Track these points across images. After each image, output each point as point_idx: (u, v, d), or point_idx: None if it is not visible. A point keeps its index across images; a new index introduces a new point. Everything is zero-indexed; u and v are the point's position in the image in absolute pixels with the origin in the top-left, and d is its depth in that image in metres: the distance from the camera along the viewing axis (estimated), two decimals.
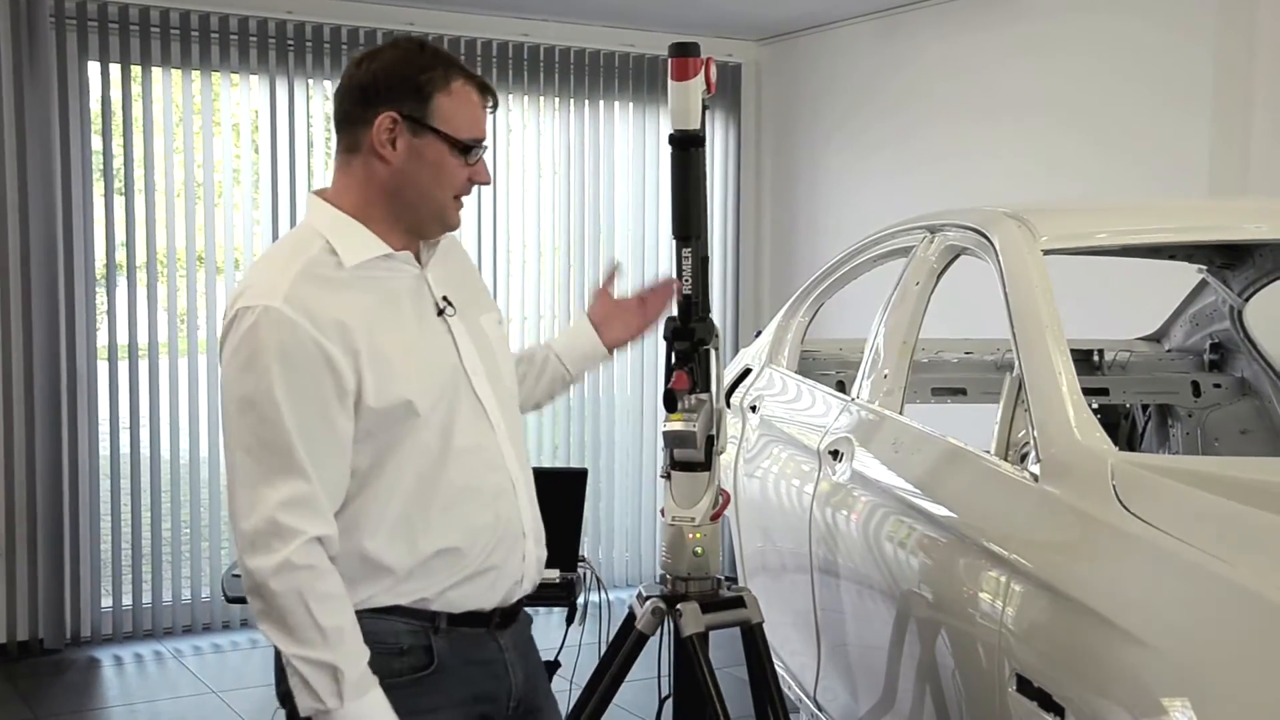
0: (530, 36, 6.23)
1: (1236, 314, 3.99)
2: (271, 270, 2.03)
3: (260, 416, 1.93)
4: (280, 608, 1.91)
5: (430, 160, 2.06)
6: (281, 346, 1.93)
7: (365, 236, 2.08)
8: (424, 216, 2.10)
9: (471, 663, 2.13)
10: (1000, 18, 5.54)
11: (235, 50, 5.70)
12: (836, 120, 6.41)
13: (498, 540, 2.12)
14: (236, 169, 5.88)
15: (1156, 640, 1.87)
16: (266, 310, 1.94)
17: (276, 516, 1.91)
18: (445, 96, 2.05)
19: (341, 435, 1.98)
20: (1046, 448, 2.31)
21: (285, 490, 1.92)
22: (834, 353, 4.31)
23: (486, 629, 2.15)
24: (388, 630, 2.04)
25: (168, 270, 5.67)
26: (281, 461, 1.93)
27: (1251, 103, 4.68)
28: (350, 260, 2.04)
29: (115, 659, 5.50)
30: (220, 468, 5.80)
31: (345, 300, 2.00)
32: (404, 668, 2.05)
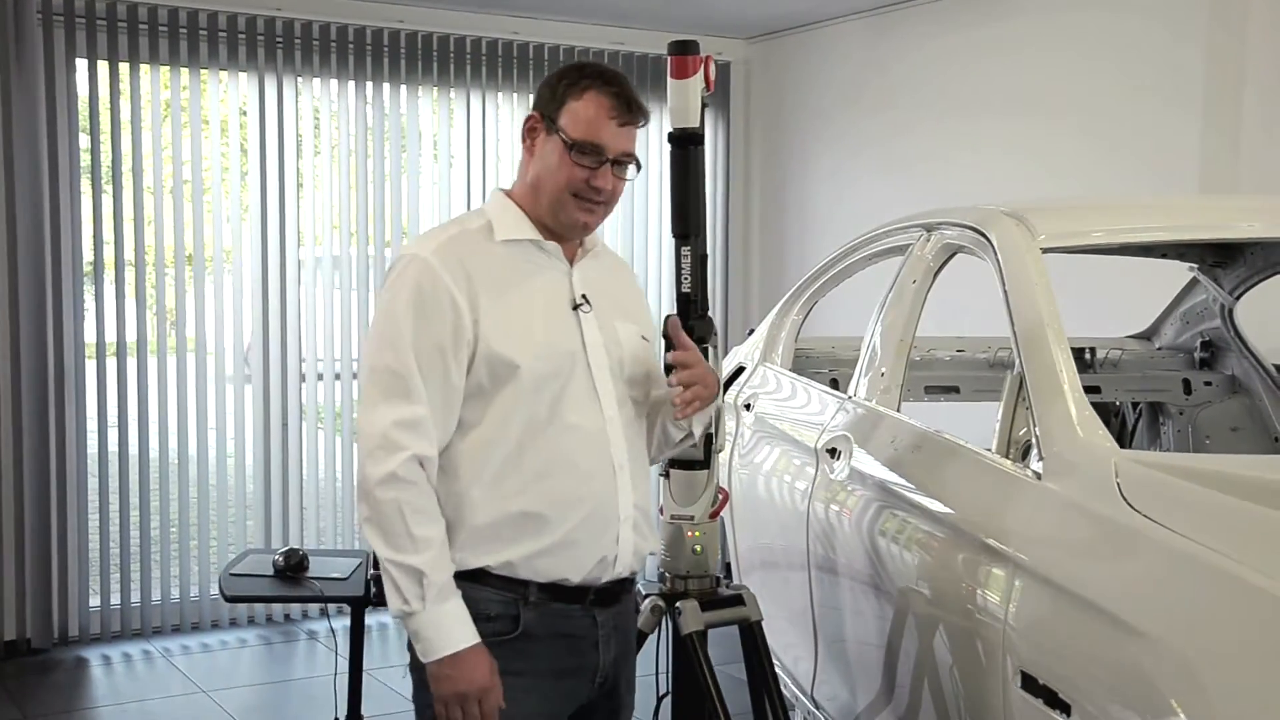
0: (520, 35, 6.22)
1: (1227, 312, 4.01)
2: (434, 233, 2.33)
3: (389, 345, 2.19)
4: (381, 514, 2.15)
5: (551, 157, 2.28)
6: (419, 288, 2.19)
7: (522, 221, 2.32)
8: (547, 210, 2.30)
9: (559, 635, 2.28)
10: (989, 15, 5.56)
11: (224, 47, 5.67)
12: (826, 118, 6.41)
13: (586, 517, 2.26)
14: (225, 166, 5.85)
15: (1164, 635, 1.88)
16: (415, 258, 2.22)
17: (389, 432, 2.15)
18: (575, 101, 2.27)
19: (453, 377, 2.20)
20: (1049, 446, 2.32)
21: (399, 411, 2.16)
22: (827, 351, 4.32)
23: (581, 605, 2.29)
24: (480, 597, 2.22)
25: (156, 267, 5.64)
26: (400, 385, 2.17)
27: (1242, 97, 4.69)
28: (501, 235, 2.29)
29: (103, 658, 5.47)
30: (210, 466, 5.79)
31: (485, 265, 2.24)
32: (488, 631, 2.21)
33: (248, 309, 5.84)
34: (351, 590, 3.49)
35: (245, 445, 5.91)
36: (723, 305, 6.84)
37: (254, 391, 5.89)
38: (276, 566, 3.58)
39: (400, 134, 6.06)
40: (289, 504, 5.93)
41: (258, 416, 5.88)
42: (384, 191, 6.04)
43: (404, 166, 6.09)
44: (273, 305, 5.83)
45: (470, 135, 6.18)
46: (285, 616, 5.94)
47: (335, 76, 5.93)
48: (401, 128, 6.06)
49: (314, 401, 6.05)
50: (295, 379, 5.93)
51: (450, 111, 6.16)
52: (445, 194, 6.19)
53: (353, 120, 5.98)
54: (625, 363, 2.36)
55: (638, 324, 2.44)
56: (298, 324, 5.92)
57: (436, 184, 6.21)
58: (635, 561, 2.37)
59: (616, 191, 2.32)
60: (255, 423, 5.89)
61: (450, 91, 6.15)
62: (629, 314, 2.43)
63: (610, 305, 2.37)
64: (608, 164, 2.27)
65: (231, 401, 5.85)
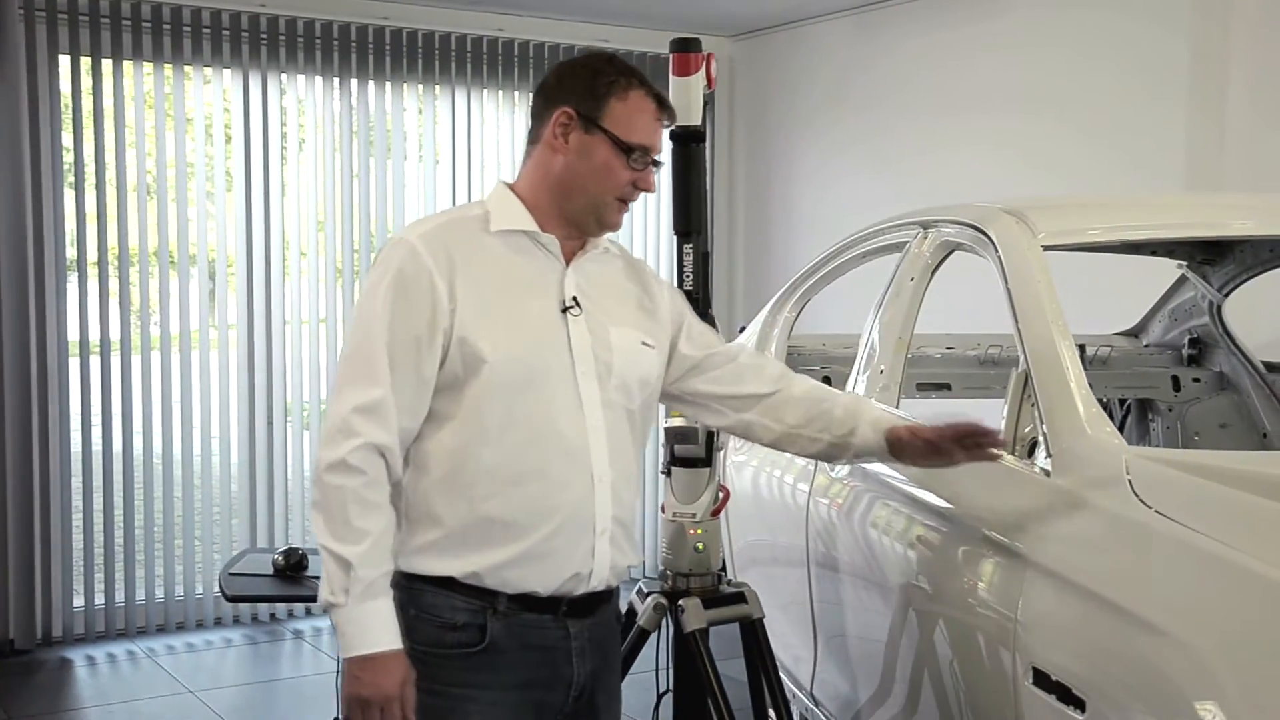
0: (505, 32, 6.21)
1: (1216, 309, 4.04)
2: (428, 219, 2.29)
3: (364, 328, 2.15)
4: (326, 499, 2.09)
5: (598, 159, 2.21)
6: (400, 271, 2.14)
7: (519, 213, 2.24)
8: (582, 210, 2.23)
9: (528, 648, 2.19)
10: (974, 14, 5.57)
11: (208, 44, 5.64)
12: (811, 115, 6.43)
13: (559, 527, 2.17)
14: (209, 165, 5.82)
15: (1181, 631, 1.89)
16: (401, 242, 2.18)
17: (348, 418, 2.10)
18: (620, 101, 2.20)
19: (425, 364, 2.14)
20: (1057, 443, 2.33)
21: (363, 396, 2.11)
22: (818, 348, 4.32)
23: (553, 615, 2.21)
24: (445, 605, 2.16)
25: (139, 265, 5.61)
26: (368, 370, 2.12)
27: (1227, 89, 4.72)
28: (495, 226, 2.23)
29: (88, 659, 5.44)
30: (194, 464, 5.76)
31: (473, 254, 2.18)
32: (454, 641, 2.16)
33: (232, 306, 5.81)
34: None
35: (230, 444, 5.88)
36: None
37: (238, 390, 5.86)
38: (276, 566, 3.56)
39: (385, 131, 6.04)
40: (274, 503, 5.90)
41: (242, 415, 5.85)
42: (369, 188, 6.02)
43: (389, 163, 6.07)
44: (257, 302, 5.80)
45: (455, 132, 6.17)
46: (271, 616, 5.92)
47: (320, 73, 5.90)
48: (387, 125, 6.04)
49: (299, 399, 6.03)
50: (280, 377, 5.90)
51: (435, 108, 6.14)
52: (431, 191, 6.17)
53: (337, 117, 5.96)
54: (615, 369, 2.25)
55: (640, 330, 2.33)
56: (282, 322, 5.90)
57: (421, 181, 6.18)
58: (612, 577, 2.27)
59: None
60: (240, 421, 5.86)
61: (435, 88, 6.13)
62: (629, 319, 2.32)
63: (607, 308, 2.28)
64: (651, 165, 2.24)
65: (215, 400, 5.81)
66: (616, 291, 2.33)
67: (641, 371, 2.30)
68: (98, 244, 5.54)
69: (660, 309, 2.39)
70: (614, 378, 2.25)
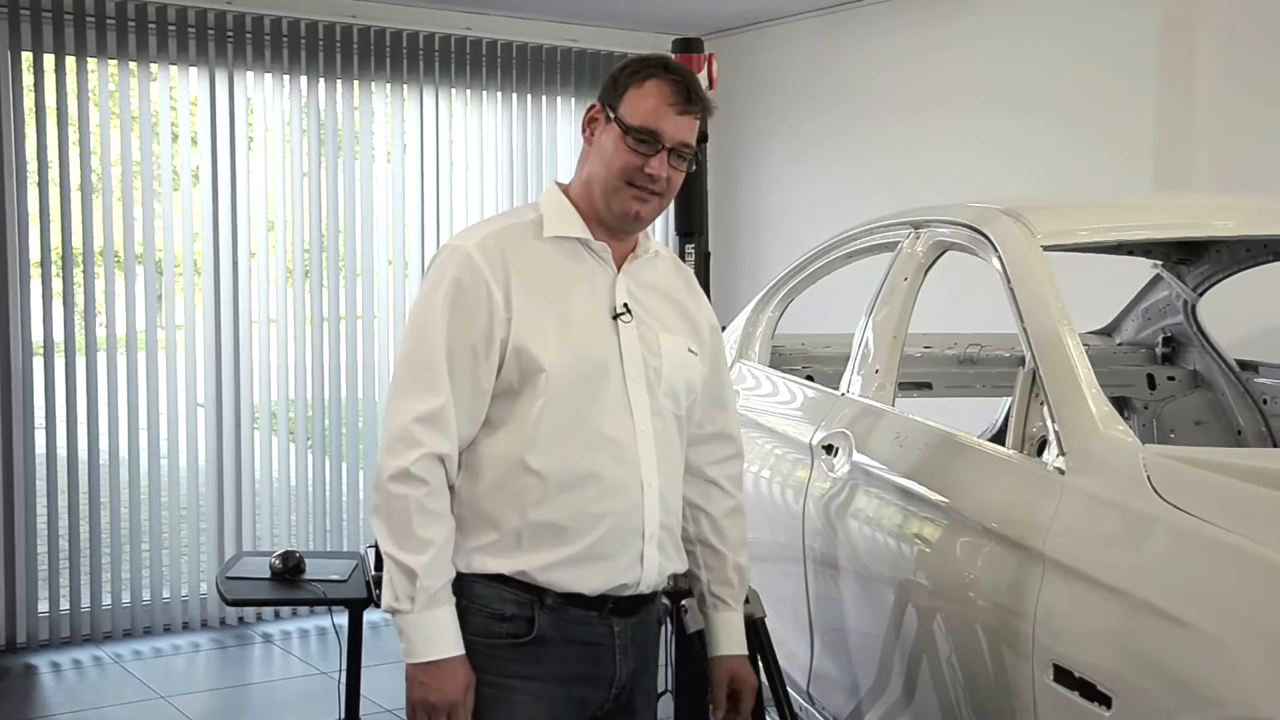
0: (473, 30, 6.18)
1: (1190, 308, 4.10)
2: (483, 224, 2.30)
3: (422, 336, 2.17)
4: (390, 508, 2.14)
5: (608, 145, 2.23)
6: (457, 280, 2.16)
7: (573, 218, 2.26)
8: (601, 199, 2.24)
9: (574, 642, 2.22)
10: (940, 13, 5.61)
11: (174, 42, 5.57)
12: (779, 115, 6.45)
13: (608, 532, 2.20)
14: (176, 164, 5.75)
15: (1209, 627, 1.92)
16: (457, 249, 2.20)
17: (410, 427, 2.14)
18: (636, 89, 2.22)
19: (482, 373, 2.17)
20: (1071, 441, 2.35)
21: (424, 405, 2.14)
22: (798, 347, 4.33)
23: (599, 613, 2.23)
24: (495, 597, 2.19)
25: (104, 265, 5.53)
26: (427, 378, 2.15)
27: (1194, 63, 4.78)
28: (549, 231, 2.24)
29: (53, 665, 5.36)
30: (161, 466, 5.68)
31: (527, 261, 2.21)
32: (503, 632, 2.19)
33: (198, 307, 5.75)
34: (352, 592, 3.44)
35: (197, 448, 5.81)
36: None
37: (206, 392, 5.79)
38: (274, 569, 3.52)
39: (354, 130, 5.99)
40: (242, 507, 5.84)
41: (210, 417, 5.79)
42: (336, 188, 5.97)
43: (357, 163, 6.02)
44: (224, 303, 5.73)
45: (424, 131, 6.13)
46: (239, 619, 5.85)
47: (287, 72, 5.85)
48: (355, 123, 5.99)
49: (266, 402, 5.97)
50: (247, 379, 5.84)
51: (404, 108, 6.10)
52: (399, 191, 6.13)
53: (304, 115, 5.90)
54: (665, 375, 2.28)
55: (685, 335, 2.35)
56: (249, 322, 5.84)
57: (389, 181, 6.14)
58: (659, 581, 2.31)
59: (673, 182, 2.25)
60: (208, 425, 5.79)
61: (404, 87, 6.10)
62: (676, 325, 2.35)
63: (656, 314, 2.31)
64: (664, 152, 2.21)
65: (182, 402, 5.74)
66: (665, 297, 2.36)
67: (688, 377, 2.33)
68: (61, 243, 5.46)
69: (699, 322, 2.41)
70: (663, 384, 2.29)
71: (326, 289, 5.97)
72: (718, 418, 2.46)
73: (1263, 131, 4.59)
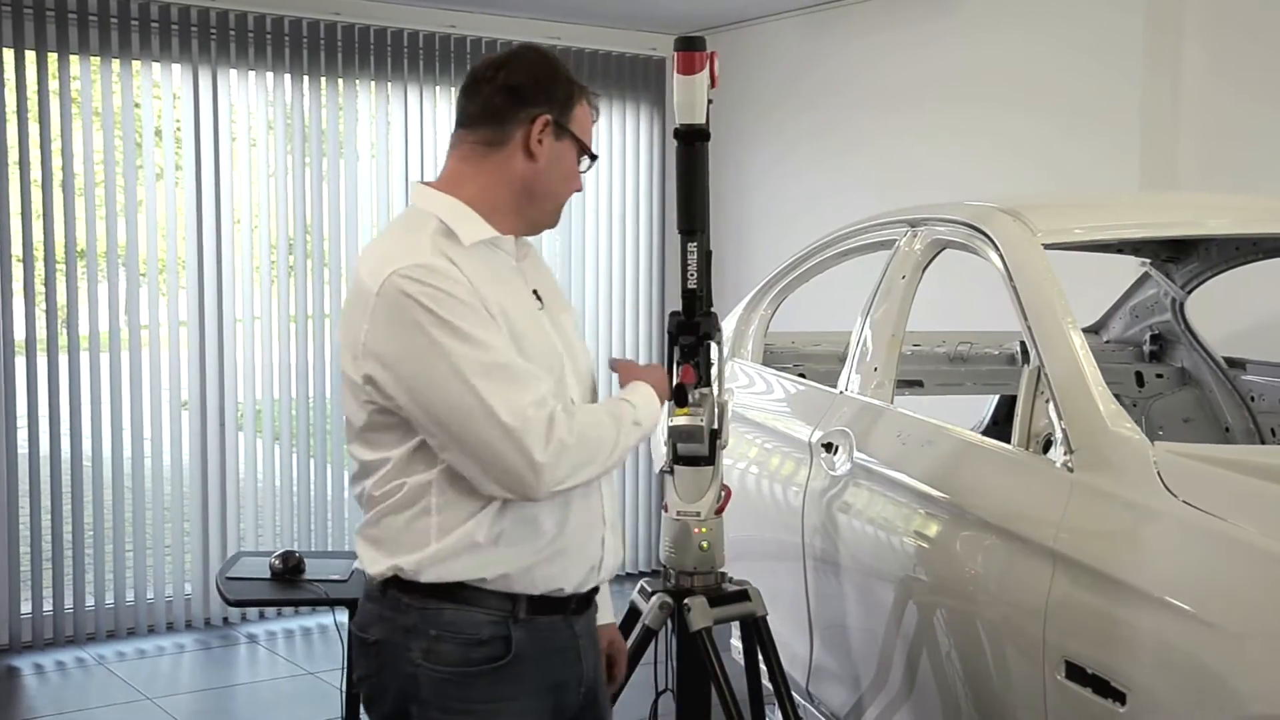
0: (457, 28, 6.17)
1: (1178, 306, 4.13)
2: (400, 243, 2.09)
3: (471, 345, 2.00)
4: (583, 459, 2.08)
5: (567, 164, 2.22)
6: (452, 291, 2.02)
7: (477, 221, 2.16)
8: (547, 213, 2.24)
9: (547, 652, 2.20)
10: (923, 11, 5.62)
11: (156, 39, 5.53)
12: (762, 114, 6.45)
13: (577, 523, 2.19)
14: (159, 164, 5.70)
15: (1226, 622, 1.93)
16: (424, 266, 2.02)
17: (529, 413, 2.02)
18: (580, 107, 2.23)
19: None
20: (1079, 439, 2.36)
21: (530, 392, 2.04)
22: (789, 345, 4.35)
23: (563, 615, 2.22)
24: (468, 621, 2.12)
25: (88, 263, 5.49)
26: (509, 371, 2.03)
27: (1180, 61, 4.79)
28: (468, 239, 2.12)
29: (36, 667, 5.31)
30: (145, 465, 5.64)
31: (475, 272, 2.08)
32: (480, 658, 2.13)
33: (182, 305, 5.71)
34: (354, 592, 3.41)
35: (181, 447, 5.77)
36: (660, 298, 6.85)
37: (189, 391, 5.75)
38: (274, 569, 3.51)
39: (337, 128, 5.97)
40: (226, 506, 5.80)
41: (193, 416, 5.75)
42: (321, 185, 5.95)
43: (341, 161, 5.99)
44: (208, 301, 5.70)
45: (408, 129, 6.11)
46: (224, 620, 5.82)
47: (270, 69, 5.81)
48: (339, 121, 5.97)
49: (251, 401, 5.93)
50: (231, 378, 5.81)
51: (388, 106, 6.08)
52: (383, 189, 6.10)
53: (288, 113, 5.87)
54: (580, 355, 2.28)
55: (568, 309, 2.35)
56: (233, 320, 5.80)
57: (373, 179, 6.11)
58: (615, 566, 2.31)
59: None
60: (192, 424, 5.76)
61: (387, 85, 6.07)
62: (562, 302, 2.34)
63: (551, 298, 2.28)
64: None
65: (166, 403, 5.71)
66: (547, 277, 2.35)
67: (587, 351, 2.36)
68: (44, 241, 5.41)
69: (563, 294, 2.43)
70: (580, 367, 2.28)
71: (311, 287, 5.94)
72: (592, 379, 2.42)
73: (1248, 125, 4.62)
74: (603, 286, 6.68)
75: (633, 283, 6.77)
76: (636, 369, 2.38)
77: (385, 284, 2.02)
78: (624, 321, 6.77)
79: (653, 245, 6.81)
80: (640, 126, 6.75)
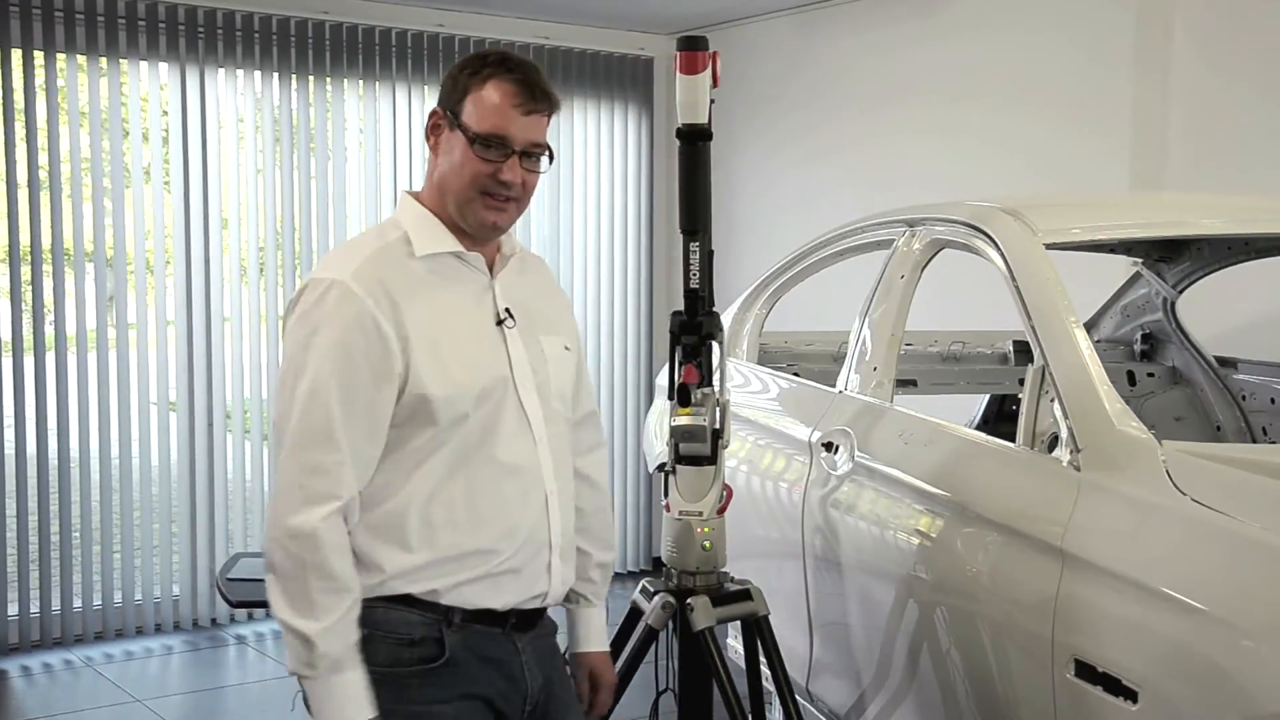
0: (445, 27, 6.15)
1: (1169, 305, 4.15)
2: (348, 252, 2.14)
3: (309, 387, 2.02)
4: (285, 570, 2.01)
5: (455, 153, 2.13)
6: (342, 319, 2.03)
7: (440, 232, 2.15)
8: (456, 210, 2.15)
9: (484, 660, 2.16)
10: (915, 9, 5.63)
11: (143, 38, 5.50)
12: (750, 113, 6.46)
13: (519, 547, 2.16)
14: (146, 162, 5.67)
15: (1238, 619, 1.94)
16: (334, 284, 2.04)
17: (307, 482, 2.00)
18: (475, 93, 2.12)
19: (379, 416, 2.05)
20: (1086, 438, 2.37)
21: (318, 458, 2.01)
22: (782, 345, 4.35)
23: (502, 629, 2.17)
24: (400, 620, 2.09)
25: (75, 262, 5.45)
26: (320, 431, 2.01)
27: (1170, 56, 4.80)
28: (421, 250, 2.12)
29: (23, 669, 5.28)
30: (133, 465, 5.62)
31: (408, 286, 2.09)
32: (413, 658, 2.10)
33: (169, 305, 5.68)
34: None
35: (169, 447, 5.74)
36: (648, 299, 6.84)
37: (177, 391, 5.73)
38: None
39: (325, 127, 5.95)
40: (214, 507, 5.78)
41: (181, 418, 5.72)
42: (309, 184, 5.92)
43: (330, 161, 5.97)
44: (195, 301, 5.67)
45: (396, 129, 6.09)
46: (212, 621, 5.79)
47: (258, 68, 5.79)
48: (328, 120, 5.95)
49: (239, 402, 5.90)
50: (219, 378, 5.78)
51: (375, 105, 6.06)
52: (372, 188, 6.08)
53: (275, 112, 5.85)
54: (551, 379, 2.23)
55: (560, 334, 2.31)
56: (220, 320, 5.78)
57: (361, 178, 6.09)
58: (562, 592, 2.26)
59: (528, 185, 2.15)
60: (179, 425, 5.73)
61: (375, 84, 6.05)
62: (551, 324, 2.30)
63: (532, 317, 2.24)
64: (514, 156, 2.11)
65: (154, 402, 5.67)
66: (535, 298, 2.28)
67: (571, 376, 2.31)
68: (30, 240, 5.38)
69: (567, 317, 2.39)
70: (552, 387, 2.24)
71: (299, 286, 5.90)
72: (585, 400, 2.42)
73: (1239, 120, 4.63)
74: (591, 287, 6.67)
75: (621, 283, 6.76)
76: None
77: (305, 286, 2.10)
78: (612, 322, 6.76)
79: (641, 245, 6.81)
80: (629, 127, 6.74)
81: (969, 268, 3.41)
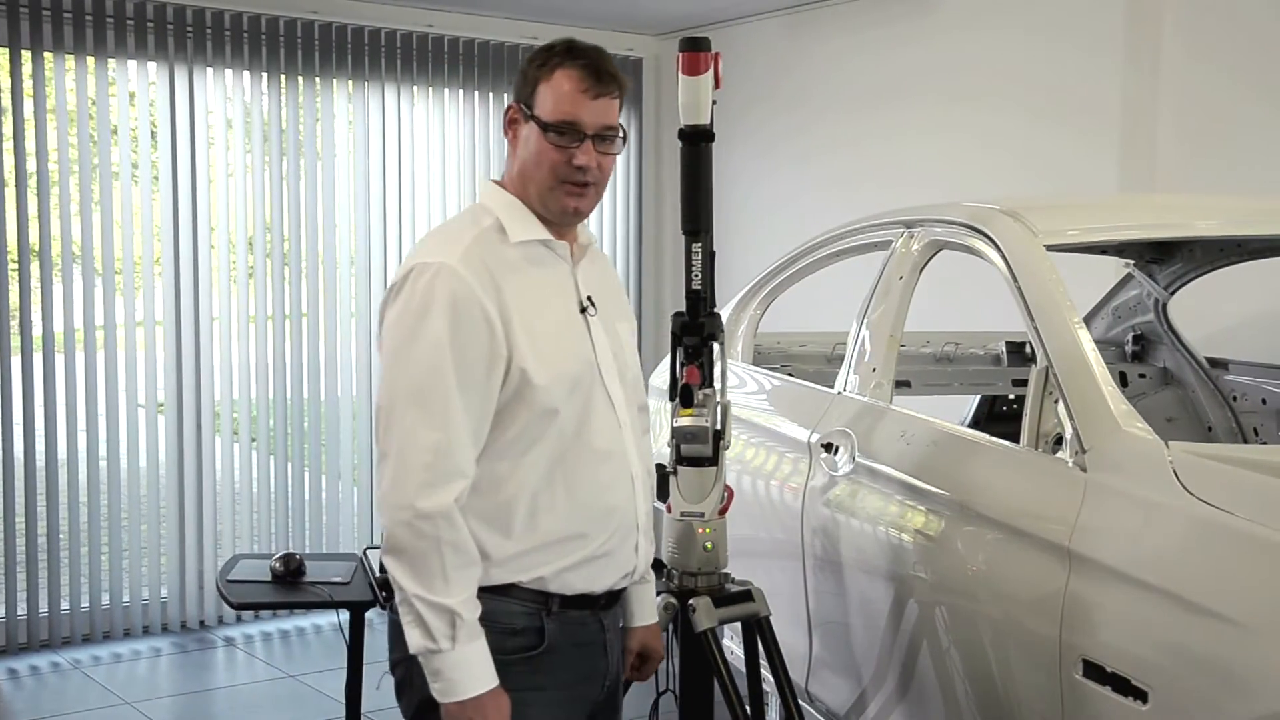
0: (435, 27, 6.14)
1: (1161, 306, 4.17)
2: (447, 237, 2.20)
3: (427, 365, 2.07)
4: (417, 549, 2.05)
5: (531, 144, 2.20)
6: (453, 300, 2.07)
7: (530, 219, 2.22)
8: (535, 198, 2.22)
9: (578, 645, 2.24)
10: (905, 9, 5.64)
11: (132, 37, 5.47)
12: (739, 114, 6.46)
13: (614, 529, 2.23)
14: (135, 162, 5.64)
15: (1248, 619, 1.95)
16: (443, 267, 2.09)
17: (434, 462, 2.05)
18: (545, 83, 2.19)
19: (489, 397, 2.11)
20: (1091, 439, 2.38)
21: (438, 437, 2.06)
22: (775, 345, 4.36)
23: (592, 611, 2.25)
24: (504, 611, 2.16)
25: (63, 263, 5.42)
26: (439, 412, 2.06)
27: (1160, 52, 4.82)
28: (515, 236, 2.19)
29: (10, 672, 5.24)
30: (120, 467, 5.58)
31: (507, 272, 2.15)
32: (515, 647, 2.17)
33: (158, 305, 5.66)
34: (357, 594, 3.41)
35: (157, 449, 5.71)
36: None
37: (165, 392, 5.70)
38: (275, 572, 3.49)
39: (314, 127, 5.93)
40: (203, 509, 5.75)
41: (170, 419, 5.69)
42: (298, 184, 5.90)
43: (319, 162, 5.96)
44: (184, 301, 5.64)
45: (386, 129, 6.08)
46: (201, 623, 5.77)
47: (247, 68, 5.77)
48: (317, 120, 5.93)
49: (228, 403, 5.88)
50: (208, 379, 5.75)
51: (365, 104, 6.04)
52: (361, 188, 6.07)
53: (264, 112, 5.83)
54: (629, 364, 2.32)
55: (628, 318, 2.41)
56: (209, 322, 5.75)
57: (350, 178, 6.08)
58: (646, 567, 2.36)
59: (604, 168, 2.22)
60: (168, 426, 5.70)
61: (365, 84, 6.04)
62: (622, 311, 2.39)
63: (608, 304, 2.32)
64: (588, 140, 2.18)
65: (142, 403, 5.65)
66: (607, 286, 2.38)
67: (637, 362, 2.39)
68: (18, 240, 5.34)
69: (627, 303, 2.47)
70: (629, 373, 2.32)
71: (288, 286, 5.90)
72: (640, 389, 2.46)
73: (1229, 116, 4.65)
74: None
75: None
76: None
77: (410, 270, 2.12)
78: None
79: (630, 245, 6.81)
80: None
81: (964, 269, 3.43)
